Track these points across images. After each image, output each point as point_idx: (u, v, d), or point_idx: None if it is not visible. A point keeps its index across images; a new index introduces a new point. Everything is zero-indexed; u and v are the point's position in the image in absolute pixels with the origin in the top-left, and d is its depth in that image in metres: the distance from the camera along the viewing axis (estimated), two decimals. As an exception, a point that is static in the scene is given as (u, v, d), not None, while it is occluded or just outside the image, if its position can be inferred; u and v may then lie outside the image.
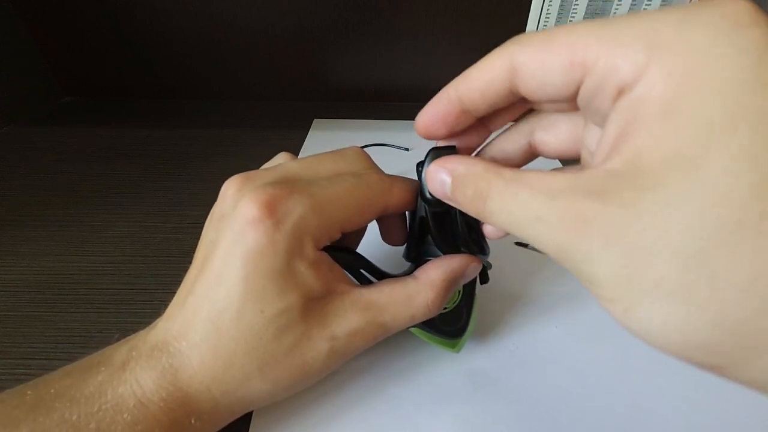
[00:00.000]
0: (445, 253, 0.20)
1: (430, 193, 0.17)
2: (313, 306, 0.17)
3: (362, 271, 0.21)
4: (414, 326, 0.20)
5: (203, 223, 0.19)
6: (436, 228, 0.19)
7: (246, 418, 0.20)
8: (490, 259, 0.22)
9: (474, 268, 0.20)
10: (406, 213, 0.22)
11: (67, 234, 0.33)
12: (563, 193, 0.12)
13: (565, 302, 0.27)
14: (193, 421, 0.16)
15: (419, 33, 0.52)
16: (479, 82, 0.15)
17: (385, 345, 0.24)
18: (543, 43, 0.13)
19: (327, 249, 0.18)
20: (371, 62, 0.54)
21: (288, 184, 0.17)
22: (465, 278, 0.20)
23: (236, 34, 0.51)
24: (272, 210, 0.16)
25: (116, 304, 0.20)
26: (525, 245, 0.32)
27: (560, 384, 0.22)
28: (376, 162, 0.21)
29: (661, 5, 0.50)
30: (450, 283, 0.19)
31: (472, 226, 0.19)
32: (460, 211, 0.18)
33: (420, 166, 0.18)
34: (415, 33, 0.52)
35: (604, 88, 0.12)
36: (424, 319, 0.19)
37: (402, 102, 0.56)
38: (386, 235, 0.23)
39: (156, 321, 0.18)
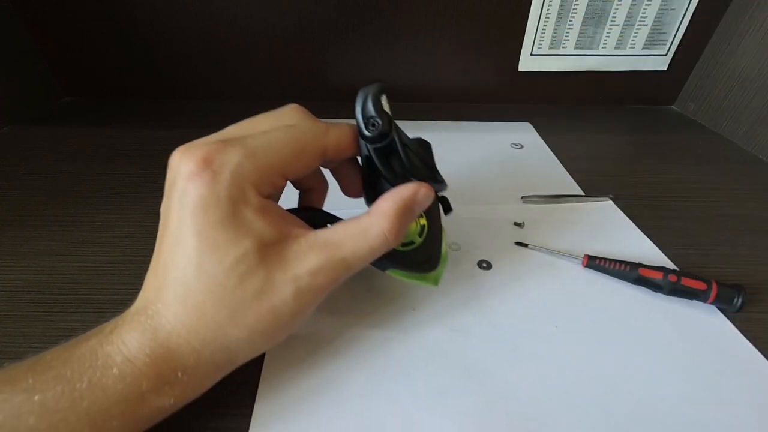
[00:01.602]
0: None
1: (369, 129, 0.18)
2: (269, 251, 0.17)
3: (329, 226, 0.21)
4: (390, 269, 0.21)
5: None
6: (382, 164, 0.20)
7: (248, 413, 0.20)
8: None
9: (425, 194, 0.20)
10: (359, 161, 0.23)
11: (67, 234, 0.33)
12: None
13: (564, 302, 0.27)
14: (179, 375, 0.17)
15: (419, 33, 0.52)
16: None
17: (383, 340, 0.24)
18: None
19: (290, 210, 0.19)
20: (371, 62, 0.54)
21: (223, 141, 0.18)
22: (418, 204, 0.20)
23: (236, 34, 0.51)
24: (208, 163, 0.17)
25: (116, 304, 0.20)
26: (525, 245, 0.32)
27: (560, 383, 0.22)
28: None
29: (659, 9, 0.50)
30: (402, 210, 0.19)
31: (419, 156, 0.20)
32: (403, 143, 0.20)
33: (356, 104, 0.20)
34: (415, 33, 0.52)
35: None
36: (386, 250, 0.20)
37: (402, 102, 0.56)
38: (345, 188, 0.24)
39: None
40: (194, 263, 0.17)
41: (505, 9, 0.50)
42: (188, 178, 0.17)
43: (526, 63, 0.54)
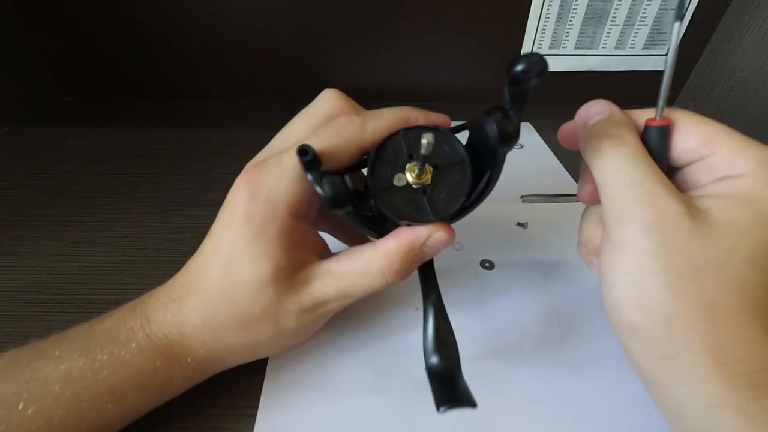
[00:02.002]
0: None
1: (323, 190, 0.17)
2: (282, 275, 0.19)
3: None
4: None
5: (203, 223, 0.20)
6: (362, 224, 0.20)
7: (252, 413, 0.20)
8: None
9: (440, 240, 0.19)
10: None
11: (67, 234, 0.33)
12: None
13: (568, 303, 0.27)
14: (189, 360, 0.19)
15: (419, 33, 0.52)
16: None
17: (386, 340, 0.24)
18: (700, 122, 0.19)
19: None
20: (371, 62, 0.54)
21: (264, 161, 0.19)
22: (429, 248, 0.19)
23: (236, 34, 0.51)
24: (250, 182, 0.19)
25: (116, 304, 0.20)
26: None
27: (563, 383, 0.22)
28: None
29: (659, 9, 0.50)
30: (407, 252, 0.19)
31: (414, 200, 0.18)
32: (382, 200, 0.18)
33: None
34: (415, 33, 0.52)
35: (715, 168, 0.18)
36: (387, 287, 0.19)
37: (402, 102, 0.56)
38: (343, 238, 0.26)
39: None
40: (222, 267, 0.19)
41: (505, 9, 0.50)
42: (235, 195, 0.19)
43: (526, 63, 0.54)
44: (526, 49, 0.53)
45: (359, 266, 0.19)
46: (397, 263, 0.19)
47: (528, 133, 0.50)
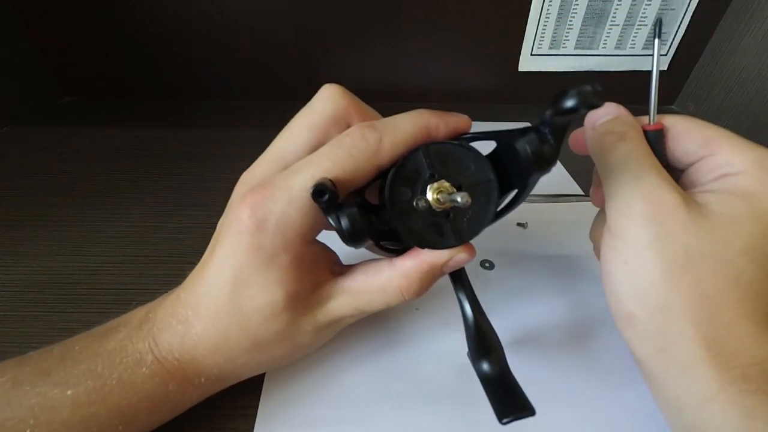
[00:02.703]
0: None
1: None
2: (296, 300, 0.18)
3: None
4: None
5: (203, 223, 0.20)
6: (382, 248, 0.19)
7: (252, 413, 0.20)
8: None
9: (461, 260, 0.18)
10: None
11: (67, 234, 0.32)
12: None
13: (569, 303, 0.27)
14: (202, 380, 0.19)
15: (419, 33, 0.52)
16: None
17: (386, 341, 0.24)
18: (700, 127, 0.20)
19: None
20: (371, 62, 0.54)
21: (270, 181, 0.17)
22: (449, 268, 0.19)
23: (236, 34, 0.51)
24: (255, 211, 0.17)
25: (116, 304, 0.20)
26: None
27: (564, 383, 0.22)
28: None
29: (659, 9, 0.50)
30: (426, 273, 0.18)
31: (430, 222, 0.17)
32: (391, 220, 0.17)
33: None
34: (415, 33, 0.52)
35: (714, 167, 0.19)
36: (404, 303, 0.19)
37: (402, 102, 0.56)
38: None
39: (175, 288, 0.20)
40: (228, 291, 0.17)
41: (505, 9, 0.50)
42: (239, 222, 0.17)
43: (526, 63, 0.54)
44: (526, 48, 0.53)
45: (377, 285, 0.19)
46: (415, 284, 0.18)
47: (528, 133, 0.50)
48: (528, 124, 0.17)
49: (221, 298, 0.18)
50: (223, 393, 0.21)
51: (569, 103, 0.13)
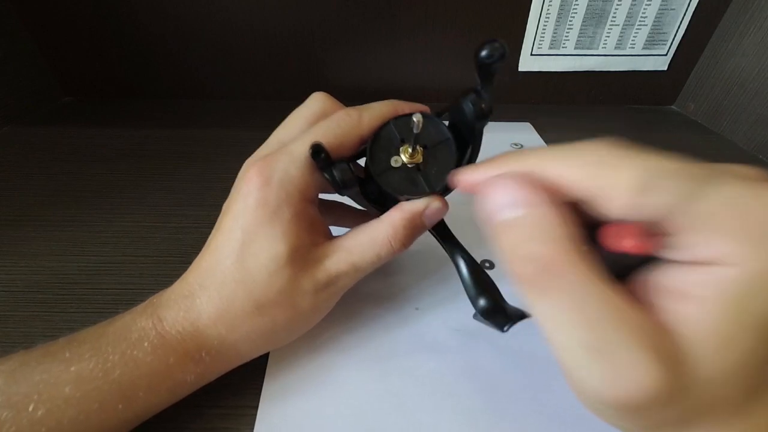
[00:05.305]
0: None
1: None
2: (296, 255, 0.19)
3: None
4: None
5: (203, 223, 0.20)
6: (366, 202, 0.22)
7: (252, 413, 0.20)
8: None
9: (435, 209, 0.21)
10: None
11: (67, 234, 0.33)
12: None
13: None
14: (203, 355, 0.19)
15: (419, 33, 0.52)
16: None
17: (387, 340, 0.24)
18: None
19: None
20: (371, 62, 0.54)
21: (276, 151, 0.20)
22: (427, 217, 0.21)
23: (236, 34, 0.51)
24: (262, 170, 0.19)
25: (116, 304, 0.20)
26: None
27: (564, 383, 0.22)
28: None
29: (659, 9, 0.50)
30: (410, 221, 0.21)
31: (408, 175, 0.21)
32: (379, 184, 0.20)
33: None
34: (415, 33, 0.52)
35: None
36: (392, 257, 0.21)
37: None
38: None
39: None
40: (236, 254, 0.19)
41: (505, 9, 0.50)
42: (246, 184, 0.19)
43: (526, 63, 0.54)
44: (526, 48, 0.53)
45: (367, 238, 0.21)
46: (401, 231, 0.21)
47: (528, 133, 0.50)
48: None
49: (227, 262, 0.19)
50: (223, 393, 0.21)
51: (483, 52, 0.17)
